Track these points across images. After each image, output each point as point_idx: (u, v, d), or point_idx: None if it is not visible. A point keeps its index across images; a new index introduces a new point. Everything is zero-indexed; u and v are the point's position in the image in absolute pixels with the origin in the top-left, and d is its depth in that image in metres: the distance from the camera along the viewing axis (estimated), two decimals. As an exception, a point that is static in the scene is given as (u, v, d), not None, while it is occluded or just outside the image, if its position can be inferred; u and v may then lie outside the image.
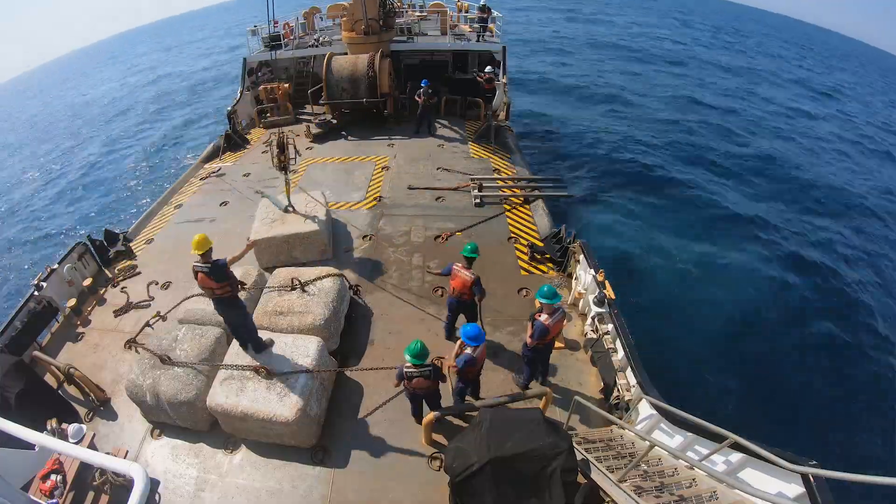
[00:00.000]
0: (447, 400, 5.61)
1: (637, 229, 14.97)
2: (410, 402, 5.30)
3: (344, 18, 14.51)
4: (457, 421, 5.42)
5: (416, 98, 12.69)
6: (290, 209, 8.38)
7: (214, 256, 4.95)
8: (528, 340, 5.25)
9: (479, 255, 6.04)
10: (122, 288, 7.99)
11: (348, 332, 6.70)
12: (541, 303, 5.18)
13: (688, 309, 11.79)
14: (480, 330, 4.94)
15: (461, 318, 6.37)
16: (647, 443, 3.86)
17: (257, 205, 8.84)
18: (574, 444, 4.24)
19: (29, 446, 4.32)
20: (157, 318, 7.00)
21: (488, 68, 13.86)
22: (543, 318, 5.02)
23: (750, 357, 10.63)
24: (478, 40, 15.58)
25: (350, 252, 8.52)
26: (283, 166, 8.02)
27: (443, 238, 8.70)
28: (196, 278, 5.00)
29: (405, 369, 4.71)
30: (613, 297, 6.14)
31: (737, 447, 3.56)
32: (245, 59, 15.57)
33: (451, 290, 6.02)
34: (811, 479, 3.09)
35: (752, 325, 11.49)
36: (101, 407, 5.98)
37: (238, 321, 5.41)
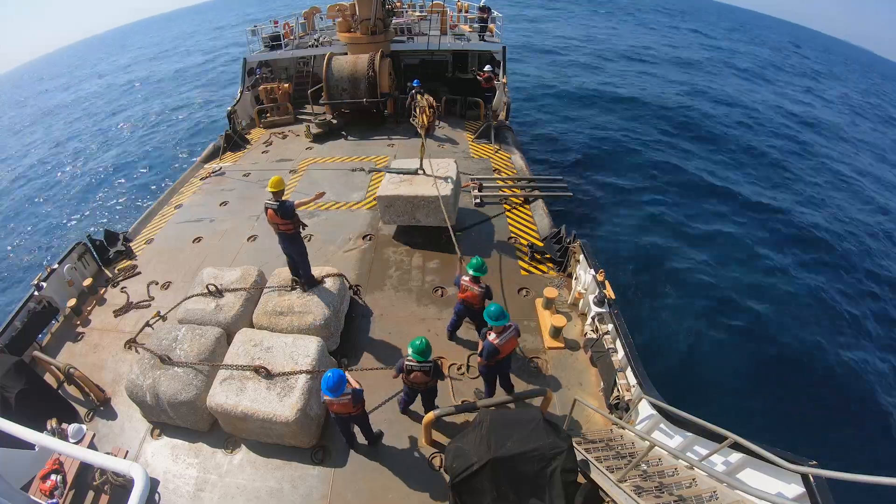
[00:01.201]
0: (445, 401, 5.61)
1: (637, 228, 14.97)
2: (405, 394, 5.31)
3: (340, 20, 14.47)
4: (457, 420, 5.42)
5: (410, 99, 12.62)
6: (421, 171, 8.51)
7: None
8: (479, 360, 5.12)
9: (487, 273, 5.96)
10: (122, 288, 7.99)
11: (348, 332, 6.70)
12: (489, 324, 4.87)
13: (688, 308, 11.80)
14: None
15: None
16: (647, 443, 3.85)
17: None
18: (574, 443, 4.23)
19: (29, 446, 4.32)
20: (157, 318, 7.00)
21: (487, 67, 13.86)
22: (492, 337, 4.81)
23: (750, 357, 10.63)
24: (479, 40, 15.58)
25: (350, 252, 8.52)
26: (429, 127, 8.04)
27: (443, 237, 8.69)
28: (266, 213, 5.91)
29: (406, 362, 4.74)
30: (613, 297, 6.14)
31: (737, 447, 3.56)
32: (245, 59, 15.56)
33: (460, 299, 6.01)
34: (811, 479, 3.10)
35: (753, 324, 11.49)
36: (101, 407, 5.98)
37: (297, 253, 6.25)
